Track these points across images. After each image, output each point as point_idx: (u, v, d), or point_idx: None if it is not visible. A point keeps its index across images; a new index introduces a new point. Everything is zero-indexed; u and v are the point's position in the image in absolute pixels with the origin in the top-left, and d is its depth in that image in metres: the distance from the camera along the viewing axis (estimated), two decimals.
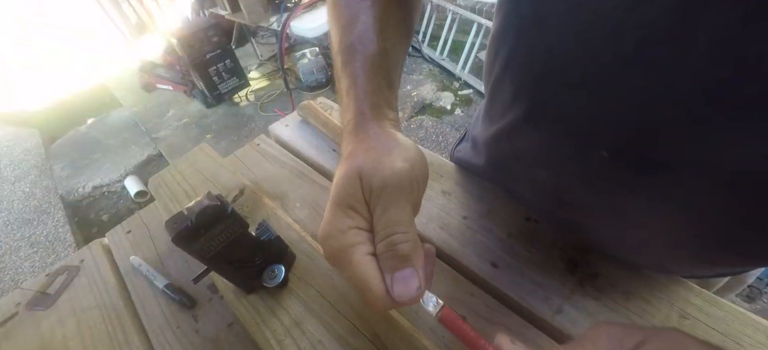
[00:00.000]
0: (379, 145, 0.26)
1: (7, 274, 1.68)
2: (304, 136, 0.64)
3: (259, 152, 0.63)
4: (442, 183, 0.52)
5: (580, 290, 0.39)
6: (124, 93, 3.15)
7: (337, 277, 0.36)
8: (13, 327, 0.46)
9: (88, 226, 2.03)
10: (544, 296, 0.38)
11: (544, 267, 0.41)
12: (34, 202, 2.06)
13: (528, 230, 0.45)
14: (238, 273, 0.34)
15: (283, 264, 0.36)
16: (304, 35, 2.05)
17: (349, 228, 0.24)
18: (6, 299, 0.49)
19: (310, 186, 0.55)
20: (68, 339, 0.43)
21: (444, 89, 2.69)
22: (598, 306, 0.37)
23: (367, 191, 0.24)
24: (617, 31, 0.22)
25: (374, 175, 0.23)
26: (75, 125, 2.85)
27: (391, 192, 0.23)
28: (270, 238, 0.36)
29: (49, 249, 1.78)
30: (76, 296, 0.48)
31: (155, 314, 0.45)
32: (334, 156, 0.59)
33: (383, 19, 0.31)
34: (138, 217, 0.57)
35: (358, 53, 0.30)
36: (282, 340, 0.32)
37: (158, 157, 2.42)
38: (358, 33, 0.30)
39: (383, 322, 0.33)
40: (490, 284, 0.41)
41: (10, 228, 1.91)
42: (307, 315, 0.34)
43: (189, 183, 0.49)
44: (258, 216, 0.44)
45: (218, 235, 0.31)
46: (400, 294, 0.22)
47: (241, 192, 0.47)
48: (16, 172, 2.30)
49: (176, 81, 2.72)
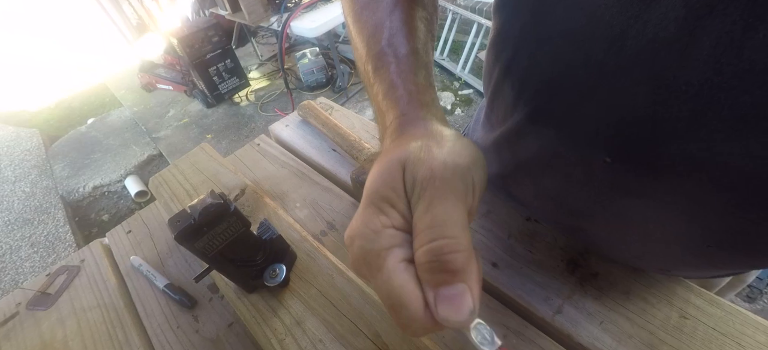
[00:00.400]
0: (428, 135, 0.22)
1: (7, 274, 1.68)
2: (305, 136, 0.64)
3: (259, 152, 0.63)
4: None
5: (580, 290, 0.39)
6: (124, 93, 3.15)
7: (338, 277, 0.36)
8: (13, 327, 0.46)
9: (89, 226, 2.03)
10: (544, 296, 0.39)
11: (544, 267, 0.41)
12: (34, 202, 2.06)
13: (528, 230, 0.45)
14: (240, 272, 0.34)
15: (284, 263, 0.36)
16: (304, 35, 2.05)
17: (384, 228, 0.19)
18: (6, 299, 0.49)
19: (311, 186, 0.55)
20: (69, 339, 0.43)
21: (444, 89, 2.69)
22: (598, 305, 0.37)
23: (409, 182, 0.20)
24: (619, 38, 0.21)
25: (420, 164, 0.19)
26: (75, 125, 2.86)
27: (440, 185, 0.19)
28: (271, 237, 0.36)
29: (49, 249, 1.78)
30: (76, 296, 0.48)
31: (156, 314, 0.45)
32: (334, 156, 0.59)
33: (409, 22, 0.30)
34: (138, 217, 0.57)
35: (389, 57, 0.28)
36: (283, 339, 0.32)
37: (158, 156, 2.42)
38: (387, 38, 0.29)
39: (384, 322, 0.33)
40: (491, 284, 0.41)
41: (10, 228, 1.91)
42: (308, 314, 0.34)
43: (190, 183, 0.49)
44: (259, 215, 0.44)
45: (221, 234, 0.31)
46: (446, 317, 0.18)
47: (242, 191, 0.47)
48: (16, 171, 2.30)
49: (176, 81, 2.72)
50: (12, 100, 3.46)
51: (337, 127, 0.59)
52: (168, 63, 2.79)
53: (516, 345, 0.36)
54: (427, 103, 0.26)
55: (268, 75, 3.10)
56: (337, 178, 0.56)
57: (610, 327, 0.36)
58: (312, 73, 2.71)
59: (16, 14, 4.23)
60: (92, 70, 3.72)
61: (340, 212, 0.51)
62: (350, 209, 0.51)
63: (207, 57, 2.42)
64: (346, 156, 0.57)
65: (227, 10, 2.21)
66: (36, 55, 4.08)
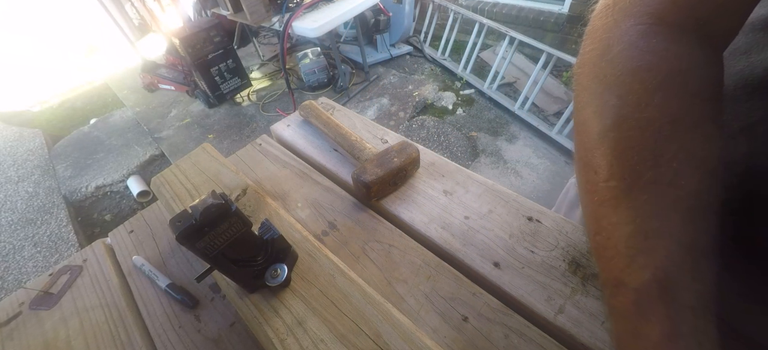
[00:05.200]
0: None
1: (10, 274, 1.69)
2: (306, 136, 0.64)
3: (260, 152, 0.63)
4: (444, 183, 0.52)
5: (582, 290, 0.39)
6: (126, 93, 3.16)
7: (339, 276, 0.36)
8: (16, 327, 0.46)
9: (91, 226, 2.04)
10: (546, 296, 0.38)
11: (546, 266, 0.41)
12: (37, 202, 2.07)
13: (530, 230, 0.45)
14: (241, 272, 0.34)
15: (285, 263, 0.36)
16: (306, 35, 2.05)
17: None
18: (10, 298, 0.49)
19: (312, 185, 0.55)
20: (71, 339, 0.43)
21: (446, 89, 2.69)
22: (600, 306, 0.37)
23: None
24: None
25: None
26: (78, 125, 2.87)
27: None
28: (273, 237, 0.36)
29: (52, 248, 1.79)
30: (79, 296, 0.48)
31: (158, 313, 0.45)
32: (335, 156, 0.59)
33: (700, 150, 0.22)
34: (140, 217, 0.58)
35: (666, 188, 0.21)
36: (284, 339, 0.32)
37: (161, 156, 2.43)
38: (667, 163, 0.21)
39: (385, 322, 0.33)
40: (493, 284, 0.41)
41: (13, 228, 1.92)
42: (310, 314, 0.34)
43: (191, 183, 0.50)
44: (260, 215, 0.44)
45: (222, 234, 0.31)
46: None
47: (243, 191, 0.47)
48: (19, 172, 2.32)
49: (178, 81, 2.72)
50: (15, 101, 3.48)
51: (339, 127, 0.59)
52: (170, 63, 2.79)
53: (518, 345, 0.36)
54: (701, 279, 0.20)
55: (270, 75, 3.10)
56: (338, 178, 0.56)
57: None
58: (313, 73, 2.71)
59: (18, 15, 4.25)
60: (95, 70, 3.74)
61: (342, 212, 0.51)
62: (351, 209, 0.51)
63: (209, 57, 2.43)
64: (347, 156, 0.57)
65: (229, 11, 2.22)
66: (39, 55, 4.10)
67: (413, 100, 2.58)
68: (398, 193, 0.52)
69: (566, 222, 0.45)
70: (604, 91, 0.25)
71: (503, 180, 1.99)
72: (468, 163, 2.12)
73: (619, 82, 0.24)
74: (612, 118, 0.24)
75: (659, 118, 0.22)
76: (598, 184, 0.23)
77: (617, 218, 0.22)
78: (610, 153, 0.23)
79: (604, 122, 0.24)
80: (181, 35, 2.28)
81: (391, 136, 0.62)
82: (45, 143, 2.61)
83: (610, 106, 0.24)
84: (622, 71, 0.24)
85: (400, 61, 3.05)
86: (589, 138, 0.25)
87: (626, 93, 0.24)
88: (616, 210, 0.22)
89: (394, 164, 0.50)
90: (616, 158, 0.23)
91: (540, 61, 2.16)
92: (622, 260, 0.21)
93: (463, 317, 0.38)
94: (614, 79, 0.24)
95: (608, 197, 0.23)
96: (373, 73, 2.89)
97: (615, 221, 0.22)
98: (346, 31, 3.15)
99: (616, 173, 0.23)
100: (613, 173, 0.23)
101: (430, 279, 0.42)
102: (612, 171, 0.23)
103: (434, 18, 3.09)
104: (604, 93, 0.25)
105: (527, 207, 0.47)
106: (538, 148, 2.17)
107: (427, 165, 0.55)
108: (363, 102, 2.64)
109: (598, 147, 0.24)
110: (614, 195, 0.22)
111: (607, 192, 0.23)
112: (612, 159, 0.23)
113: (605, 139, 0.24)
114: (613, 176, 0.23)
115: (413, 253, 0.45)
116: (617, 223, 0.22)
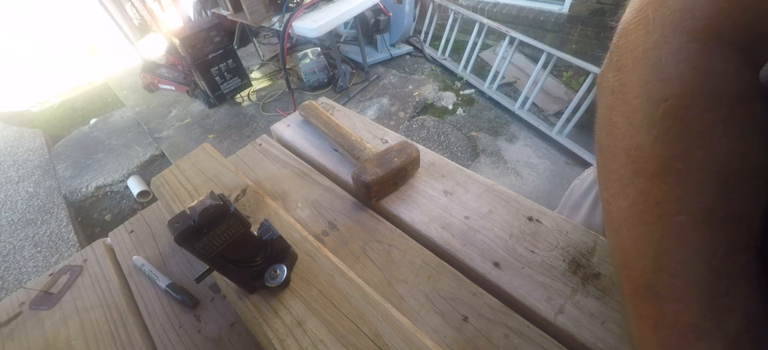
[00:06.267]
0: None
1: (11, 274, 1.69)
2: (306, 136, 0.64)
3: (260, 152, 0.63)
4: (444, 183, 0.52)
5: (582, 290, 0.39)
6: (126, 93, 3.16)
7: (339, 277, 0.36)
8: (17, 327, 0.46)
9: (91, 226, 2.04)
10: (547, 296, 0.38)
11: (546, 267, 0.41)
12: (37, 202, 2.07)
13: (530, 230, 0.45)
14: (241, 272, 0.34)
15: (285, 263, 0.36)
16: (306, 35, 2.05)
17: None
18: (10, 298, 0.49)
19: (312, 186, 0.55)
20: (71, 339, 0.43)
21: (446, 89, 2.69)
22: (601, 306, 0.37)
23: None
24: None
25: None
26: (78, 125, 2.87)
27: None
28: (272, 238, 0.36)
29: (52, 248, 1.79)
30: (79, 295, 0.48)
31: (158, 313, 0.45)
32: (335, 156, 0.59)
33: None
34: (140, 217, 0.58)
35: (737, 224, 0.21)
36: (284, 340, 0.32)
37: (161, 156, 2.43)
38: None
39: (385, 322, 0.33)
40: (493, 284, 0.41)
41: (13, 228, 1.92)
42: (309, 314, 0.34)
43: (191, 183, 0.50)
44: (260, 215, 0.44)
45: (221, 235, 0.31)
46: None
47: (243, 191, 0.47)
48: (19, 171, 2.32)
49: (178, 81, 2.73)
50: (16, 101, 3.48)
51: (339, 127, 0.59)
52: (170, 63, 2.80)
53: (518, 345, 0.36)
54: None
55: (270, 75, 3.10)
56: (338, 178, 0.56)
57: (613, 328, 0.35)
58: (313, 73, 2.71)
59: (18, 15, 4.25)
60: (95, 70, 3.74)
61: (342, 212, 0.51)
62: (351, 209, 0.51)
63: (209, 57, 2.43)
64: (347, 156, 0.57)
65: (229, 11, 2.22)
66: (39, 55, 4.11)
67: (413, 100, 2.58)
68: (398, 193, 0.52)
69: (566, 223, 0.45)
70: (664, 116, 0.23)
71: (503, 180, 1.99)
72: (468, 162, 2.12)
73: (682, 105, 0.23)
74: (681, 146, 0.23)
75: (731, 151, 0.22)
76: (662, 216, 0.23)
77: (698, 263, 0.21)
78: (679, 185, 0.22)
79: (671, 151, 0.23)
80: (181, 35, 2.28)
81: (391, 135, 0.62)
82: (45, 143, 2.61)
83: (674, 133, 0.23)
84: (684, 93, 0.23)
85: (400, 61, 3.05)
86: (646, 162, 0.24)
87: (693, 119, 0.23)
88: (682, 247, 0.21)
89: (394, 164, 0.50)
90: (684, 192, 0.22)
91: (540, 61, 2.16)
92: (699, 306, 0.21)
93: (463, 317, 0.38)
94: (677, 102, 0.23)
95: (677, 231, 0.22)
96: (373, 73, 2.89)
97: (697, 271, 0.21)
98: (346, 31, 3.15)
99: (685, 207, 0.22)
100: (681, 207, 0.22)
101: (430, 279, 0.42)
102: (680, 205, 0.22)
103: (434, 18, 3.09)
104: (664, 119, 0.23)
105: (527, 207, 0.47)
106: (538, 147, 2.17)
107: (427, 165, 0.55)
108: (363, 102, 2.64)
109: (662, 175, 0.23)
110: (682, 229, 0.22)
111: (676, 227, 0.22)
112: (680, 192, 0.22)
113: (671, 169, 0.23)
114: (681, 211, 0.22)
115: (413, 253, 0.45)
116: (697, 270, 0.21)
